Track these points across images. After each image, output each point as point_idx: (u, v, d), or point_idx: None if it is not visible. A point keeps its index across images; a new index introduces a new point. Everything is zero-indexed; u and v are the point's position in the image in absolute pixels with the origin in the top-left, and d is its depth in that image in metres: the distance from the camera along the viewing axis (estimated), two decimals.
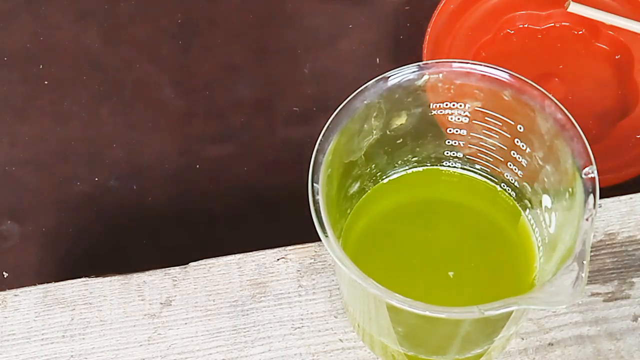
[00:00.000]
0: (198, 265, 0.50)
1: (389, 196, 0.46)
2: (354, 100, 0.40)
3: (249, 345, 0.48)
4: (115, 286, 0.50)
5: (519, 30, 0.61)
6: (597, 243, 0.49)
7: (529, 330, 0.47)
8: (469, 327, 0.40)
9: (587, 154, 0.38)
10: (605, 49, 0.60)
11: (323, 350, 0.47)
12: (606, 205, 0.50)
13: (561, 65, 0.60)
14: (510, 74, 0.40)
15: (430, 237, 0.45)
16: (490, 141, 0.43)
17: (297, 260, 0.50)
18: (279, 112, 0.60)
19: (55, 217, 0.57)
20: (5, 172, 0.59)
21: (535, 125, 0.40)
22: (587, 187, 0.38)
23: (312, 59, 0.62)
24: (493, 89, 0.41)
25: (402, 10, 0.63)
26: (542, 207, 0.42)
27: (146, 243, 0.56)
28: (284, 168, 0.57)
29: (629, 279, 0.49)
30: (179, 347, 0.48)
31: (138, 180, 0.58)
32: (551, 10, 0.61)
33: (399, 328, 0.41)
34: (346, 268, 0.36)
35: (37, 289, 0.50)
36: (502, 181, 0.45)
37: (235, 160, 0.59)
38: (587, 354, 0.47)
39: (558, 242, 0.40)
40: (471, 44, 0.60)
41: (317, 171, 0.38)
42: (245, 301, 0.49)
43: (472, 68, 0.40)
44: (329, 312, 0.48)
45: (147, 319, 0.49)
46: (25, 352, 0.48)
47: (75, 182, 0.58)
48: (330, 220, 0.37)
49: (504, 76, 0.40)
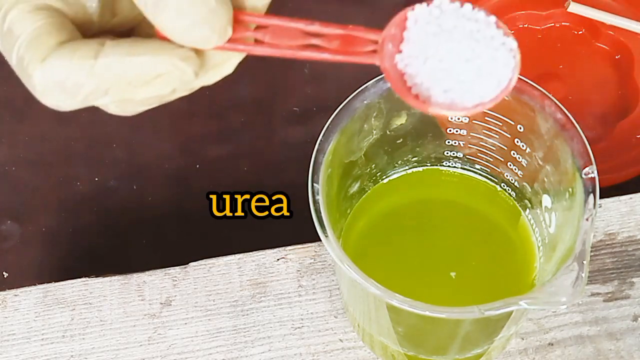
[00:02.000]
0: (198, 265, 0.50)
1: (389, 196, 0.46)
2: (354, 100, 0.40)
3: (249, 345, 0.48)
4: (115, 286, 0.50)
5: (519, 30, 0.61)
6: (597, 243, 0.49)
7: (529, 330, 0.47)
8: (469, 327, 0.40)
9: (587, 154, 0.38)
10: (605, 49, 0.60)
11: (323, 350, 0.47)
12: (606, 205, 0.50)
13: (561, 65, 0.60)
14: None
15: (430, 237, 0.45)
16: (490, 141, 0.43)
17: (297, 260, 0.50)
18: (279, 112, 0.60)
19: (55, 217, 0.57)
20: (5, 172, 0.59)
21: (535, 125, 0.40)
22: (587, 187, 0.38)
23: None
24: None
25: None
26: (542, 207, 0.42)
27: (146, 243, 0.56)
28: (284, 168, 0.57)
29: (629, 279, 0.49)
30: (179, 347, 0.48)
31: (138, 180, 0.58)
32: (551, 10, 0.61)
33: (399, 328, 0.41)
34: (346, 268, 0.36)
35: (37, 289, 0.50)
36: (502, 181, 0.45)
37: (235, 160, 0.59)
38: (587, 354, 0.47)
39: (558, 242, 0.40)
40: None
41: (317, 171, 0.38)
42: (245, 301, 0.49)
43: None
44: (329, 312, 0.48)
45: (147, 319, 0.49)
46: (25, 352, 0.48)
47: (75, 182, 0.58)
48: (330, 220, 0.37)
49: None
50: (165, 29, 0.30)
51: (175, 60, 0.30)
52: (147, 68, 0.30)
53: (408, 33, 0.30)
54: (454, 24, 0.30)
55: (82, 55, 0.30)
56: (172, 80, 0.31)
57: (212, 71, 0.32)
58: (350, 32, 0.31)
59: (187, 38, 0.30)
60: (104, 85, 0.30)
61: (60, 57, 0.30)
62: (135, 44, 0.30)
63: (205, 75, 0.32)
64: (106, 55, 0.30)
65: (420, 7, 0.30)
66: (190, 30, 0.30)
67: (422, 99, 0.30)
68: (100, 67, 0.30)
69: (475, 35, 0.30)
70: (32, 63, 0.30)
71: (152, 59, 0.30)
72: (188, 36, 0.30)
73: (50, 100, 0.31)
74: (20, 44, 0.31)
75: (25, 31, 0.31)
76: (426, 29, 0.30)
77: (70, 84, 0.30)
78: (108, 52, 0.30)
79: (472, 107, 0.30)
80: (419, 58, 0.30)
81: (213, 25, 0.30)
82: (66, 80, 0.30)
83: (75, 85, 0.30)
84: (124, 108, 0.32)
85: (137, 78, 0.31)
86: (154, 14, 0.30)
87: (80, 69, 0.30)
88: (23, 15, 0.31)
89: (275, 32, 0.31)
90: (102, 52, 0.30)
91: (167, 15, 0.29)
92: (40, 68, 0.30)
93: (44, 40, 0.31)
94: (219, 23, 0.30)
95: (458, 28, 0.30)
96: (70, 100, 0.31)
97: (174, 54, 0.30)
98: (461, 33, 0.29)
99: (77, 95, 0.31)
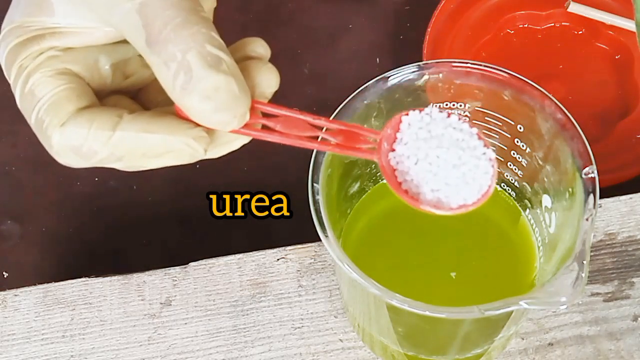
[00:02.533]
0: (198, 265, 0.50)
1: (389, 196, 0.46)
2: (354, 100, 0.40)
3: (249, 345, 0.48)
4: (115, 286, 0.50)
5: (519, 30, 0.61)
6: (597, 243, 0.49)
7: (529, 330, 0.47)
8: (469, 327, 0.40)
9: (587, 154, 0.38)
10: (605, 49, 0.60)
11: (323, 350, 0.47)
12: (606, 205, 0.50)
13: (561, 65, 0.60)
14: (510, 74, 0.40)
15: (429, 237, 0.45)
16: (490, 141, 0.43)
17: (297, 260, 0.50)
18: None
19: (55, 217, 0.57)
20: (5, 172, 0.59)
21: (535, 125, 0.40)
22: (587, 187, 0.38)
23: (312, 59, 0.62)
24: (493, 89, 0.41)
25: (402, 10, 0.63)
26: (542, 207, 0.42)
27: (146, 243, 0.56)
28: (284, 168, 0.57)
29: (629, 279, 0.49)
30: (179, 347, 0.48)
31: (138, 180, 0.58)
32: (551, 10, 0.61)
33: (399, 328, 0.41)
34: (346, 268, 0.36)
35: (37, 289, 0.50)
36: (502, 181, 0.45)
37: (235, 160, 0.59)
38: (587, 354, 0.47)
39: (558, 242, 0.40)
40: (471, 44, 0.60)
41: (317, 171, 0.38)
42: (245, 301, 0.49)
43: (472, 68, 0.40)
44: (329, 312, 0.48)
45: (147, 319, 0.49)
46: (25, 352, 0.48)
47: (75, 182, 0.58)
48: (330, 220, 0.37)
49: (504, 76, 0.40)
50: (189, 110, 0.31)
51: (189, 140, 0.32)
52: (161, 145, 0.32)
53: (401, 134, 0.34)
54: (442, 132, 0.34)
55: (100, 127, 0.32)
56: (183, 156, 0.33)
57: (220, 147, 0.34)
58: (352, 129, 0.34)
59: (208, 121, 0.32)
60: (118, 154, 0.32)
61: (79, 125, 0.32)
62: (152, 121, 0.32)
63: (214, 150, 0.34)
64: (123, 129, 0.32)
65: (413, 113, 0.34)
66: (213, 114, 0.31)
67: (411, 194, 0.34)
68: (116, 139, 0.32)
69: (460, 144, 0.34)
70: (51, 127, 0.32)
71: (167, 137, 0.32)
72: (209, 120, 0.31)
73: (65, 160, 0.33)
74: (40, 106, 0.33)
75: (46, 95, 0.32)
76: (418, 133, 0.34)
77: (86, 150, 0.32)
78: (125, 126, 0.32)
79: (456, 208, 0.34)
80: (410, 158, 0.34)
81: (235, 112, 0.31)
82: (82, 147, 0.32)
83: (90, 151, 0.32)
84: (133, 168, 0.34)
85: (150, 152, 0.32)
86: (180, 97, 0.31)
87: (97, 139, 0.32)
88: (45, 79, 0.33)
89: (285, 122, 0.34)
90: (120, 125, 0.32)
91: (192, 99, 0.31)
92: (59, 132, 0.32)
93: (64, 105, 0.32)
94: (240, 110, 0.32)
95: (446, 136, 0.34)
96: (84, 162, 0.33)
97: (188, 134, 0.32)
98: (449, 141, 0.33)
99: (91, 159, 0.33)
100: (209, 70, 0.30)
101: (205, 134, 0.32)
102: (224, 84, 0.31)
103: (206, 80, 0.30)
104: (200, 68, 0.30)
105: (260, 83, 0.33)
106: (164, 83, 0.31)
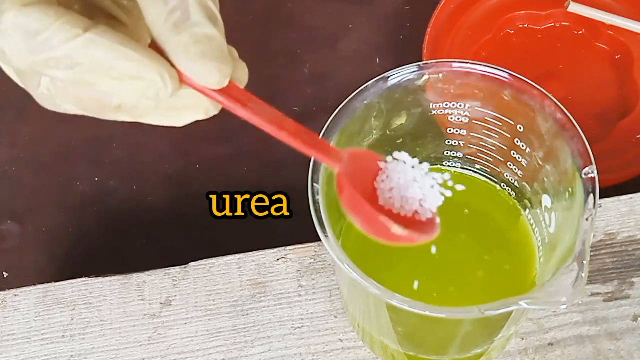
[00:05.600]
0: (198, 265, 0.50)
1: None
2: (354, 100, 0.40)
3: (249, 345, 0.48)
4: (115, 286, 0.50)
5: (519, 30, 0.61)
6: (597, 243, 0.49)
7: (529, 330, 0.47)
8: (469, 327, 0.40)
9: (587, 154, 0.38)
10: (605, 49, 0.60)
11: (323, 350, 0.47)
12: (606, 205, 0.50)
13: (561, 65, 0.60)
14: (510, 74, 0.40)
15: None
16: (490, 141, 0.43)
17: (297, 260, 0.50)
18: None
19: (55, 217, 0.57)
20: (5, 172, 0.59)
21: (535, 125, 0.40)
22: (587, 187, 0.38)
23: (312, 59, 0.62)
24: (493, 89, 0.41)
25: (402, 10, 0.63)
26: (542, 207, 0.42)
27: (146, 243, 0.56)
28: (284, 168, 0.57)
29: (629, 279, 0.49)
30: (179, 347, 0.48)
31: (138, 180, 0.58)
32: (551, 10, 0.61)
33: (399, 328, 0.41)
34: (346, 268, 0.36)
35: (37, 289, 0.50)
36: (502, 181, 0.45)
37: (235, 160, 0.59)
38: (587, 354, 0.47)
39: (558, 242, 0.40)
40: (471, 44, 0.60)
41: (317, 171, 0.38)
42: (245, 301, 0.49)
43: (472, 68, 0.40)
44: (329, 312, 0.48)
45: (147, 319, 0.49)
46: (25, 352, 0.48)
47: (75, 182, 0.58)
48: (330, 220, 0.37)
49: (504, 76, 0.40)
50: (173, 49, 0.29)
51: (163, 71, 0.29)
52: (133, 65, 0.29)
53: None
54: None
55: (70, 23, 0.28)
56: (148, 89, 0.29)
57: (184, 111, 0.32)
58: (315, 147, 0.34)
59: (189, 66, 0.29)
60: (78, 58, 0.28)
61: (45, 13, 0.28)
62: (131, 41, 0.29)
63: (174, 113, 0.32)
64: (97, 34, 0.28)
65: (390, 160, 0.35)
66: (198, 59, 0.29)
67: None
68: (85, 40, 0.28)
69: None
70: (10, 1, 0.28)
71: (143, 60, 0.29)
72: (192, 65, 0.29)
73: (4, 42, 0.28)
74: None
75: None
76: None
77: (41, 40, 0.28)
78: (100, 32, 0.28)
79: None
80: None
81: (219, 66, 0.30)
82: (39, 34, 0.28)
83: (46, 43, 0.28)
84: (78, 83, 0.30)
85: (116, 69, 0.29)
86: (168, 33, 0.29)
87: (61, 32, 0.28)
88: None
89: (256, 108, 0.33)
90: (94, 29, 0.28)
91: (182, 37, 0.29)
92: (18, 9, 0.28)
93: None
94: (224, 68, 0.30)
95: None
96: (26, 55, 0.28)
97: (165, 67, 0.29)
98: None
99: (39, 54, 0.28)
100: (207, 20, 0.29)
101: (178, 78, 0.30)
102: (217, 37, 0.29)
103: (202, 27, 0.29)
104: (198, 14, 0.29)
105: (235, 70, 0.32)
106: (155, 16, 0.29)
